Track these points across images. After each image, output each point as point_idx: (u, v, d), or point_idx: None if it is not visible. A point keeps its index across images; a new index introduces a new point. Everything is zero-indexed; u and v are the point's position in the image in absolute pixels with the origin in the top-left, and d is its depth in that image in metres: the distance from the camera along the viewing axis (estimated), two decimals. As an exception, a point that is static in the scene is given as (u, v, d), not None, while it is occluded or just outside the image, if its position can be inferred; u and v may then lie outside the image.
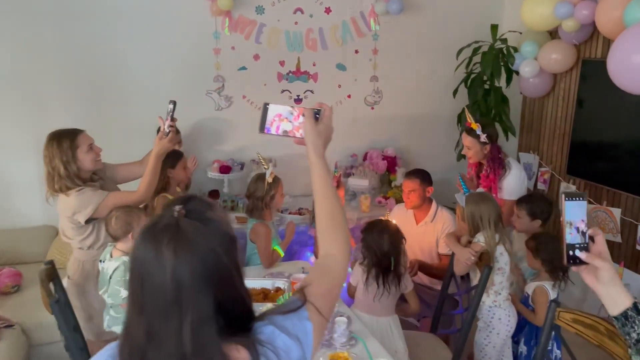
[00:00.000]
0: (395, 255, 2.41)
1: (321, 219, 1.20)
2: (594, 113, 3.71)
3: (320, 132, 1.23)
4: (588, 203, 3.69)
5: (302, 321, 1.00)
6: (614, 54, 2.73)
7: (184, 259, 0.87)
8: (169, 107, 2.30)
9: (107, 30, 3.66)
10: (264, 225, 2.88)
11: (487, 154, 3.01)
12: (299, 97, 4.22)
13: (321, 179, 1.20)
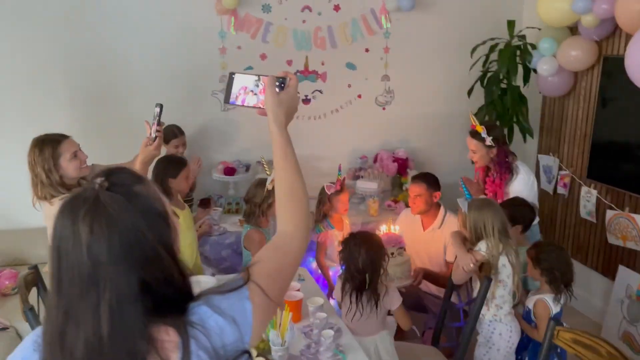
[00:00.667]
0: (372, 272, 2.23)
1: (279, 193, 1.14)
2: (616, 113, 3.50)
3: (282, 100, 1.16)
4: (609, 209, 3.49)
5: (241, 301, 0.94)
6: (633, 49, 2.54)
7: (101, 235, 0.83)
8: (155, 111, 2.21)
9: (110, 30, 3.63)
10: (257, 232, 2.81)
11: (494, 157, 2.86)
12: (307, 97, 4.12)
13: (280, 150, 1.14)
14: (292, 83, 1.19)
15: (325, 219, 3.14)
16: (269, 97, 1.15)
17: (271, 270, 1.02)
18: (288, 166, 1.14)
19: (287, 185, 1.13)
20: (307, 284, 2.68)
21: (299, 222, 1.11)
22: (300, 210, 1.12)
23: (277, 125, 1.15)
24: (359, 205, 4.00)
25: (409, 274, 2.94)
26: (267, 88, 1.16)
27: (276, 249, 1.09)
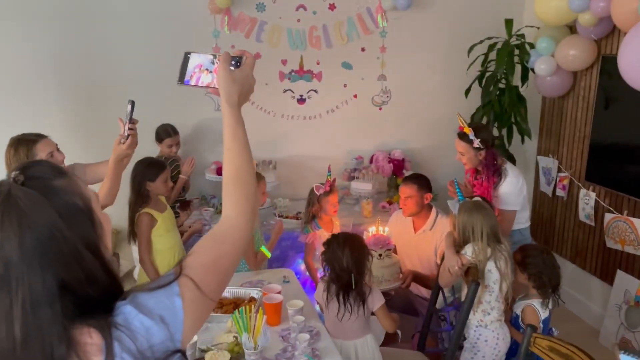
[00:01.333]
0: (357, 271, 2.21)
1: (225, 175, 1.08)
2: (615, 114, 3.41)
3: (236, 78, 1.10)
4: (608, 212, 3.41)
5: (170, 298, 0.88)
6: (626, 49, 2.47)
7: (11, 232, 0.79)
8: (127, 108, 2.17)
9: (102, 30, 3.63)
10: None
11: (482, 160, 2.80)
12: (302, 97, 4.09)
13: (229, 130, 1.09)
14: (249, 62, 1.14)
15: (313, 220, 3.10)
16: (222, 74, 1.10)
17: (207, 261, 0.96)
18: (236, 147, 1.08)
19: (234, 167, 1.08)
20: (291, 285, 2.64)
21: (242, 208, 1.05)
22: (244, 195, 1.07)
23: (229, 104, 1.09)
24: (354, 207, 3.96)
25: (397, 276, 2.89)
26: (220, 65, 1.11)
27: (214, 238, 1.02)
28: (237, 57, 1.13)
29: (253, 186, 1.09)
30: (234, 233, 1.03)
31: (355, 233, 2.47)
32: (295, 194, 4.02)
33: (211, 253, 0.98)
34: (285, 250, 3.52)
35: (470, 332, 2.35)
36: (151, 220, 2.68)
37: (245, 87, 1.12)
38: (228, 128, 1.09)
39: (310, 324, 2.23)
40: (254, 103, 4.00)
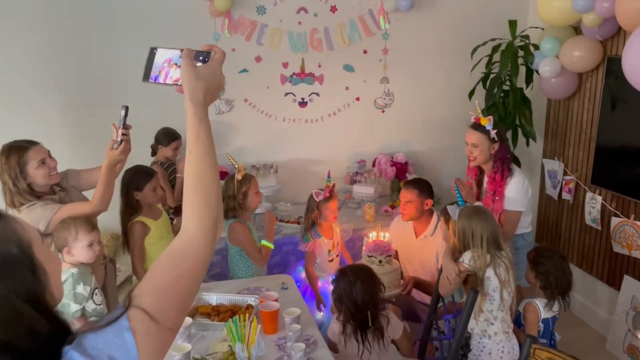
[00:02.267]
0: (372, 306, 2.12)
1: (186, 181, 0.99)
2: (621, 116, 3.34)
3: (201, 75, 1.01)
4: (614, 216, 3.34)
5: (119, 335, 0.80)
6: (630, 50, 2.41)
7: None
8: (120, 114, 2.15)
9: (101, 33, 3.62)
10: (239, 223, 2.76)
11: (495, 153, 2.74)
12: (303, 100, 4.05)
13: (192, 131, 0.99)
14: (217, 57, 1.06)
15: (313, 227, 3.04)
16: (185, 69, 1.01)
17: (162, 285, 0.87)
18: (198, 149, 0.98)
19: (196, 171, 0.98)
20: (289, 292, 2.61)
21: (202, 218, 0.95)
22: (205, 203, 0.96)
23: (193, 102, 0.99)
24: (356, 211, 3.92)
25: (397, 282, 2.84)
26: (183, 60, 1.02)
27: (170, 256, 0.92)
28: (205, 53, 1.06)
29: (216, 193, 0.98)
30: (193, 248, 0.93)
31: (364, 264, 2.41)
32: (297, 198, 3.98)
33: (166, 275, 0.89)
34: (286, 256, 3.48)
35: (473, 343, 2.29)
36: (144, 229, 2.65)
37: (212, 85, 1.03)
38: (191, 128, 0.99)
39: (307, 332, 2.19)
40: (254, 106, 3.98)
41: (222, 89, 1.07)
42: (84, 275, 2.16)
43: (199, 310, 2.38)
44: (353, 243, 3.49)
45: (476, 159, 2.82)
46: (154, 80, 1.08)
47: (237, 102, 3.95)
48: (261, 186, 3.77)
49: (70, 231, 2.13)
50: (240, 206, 2.78)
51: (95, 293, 2.20)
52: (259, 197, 2.88)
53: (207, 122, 1.00)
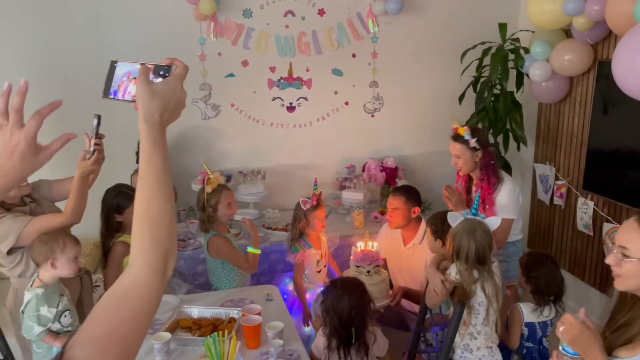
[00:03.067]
0: (358, 322, 2.05)
1: (135, 210, 0.88)
2: (612, 120, 3.30)
3: (157, 92, 0.90)
4: (606, 222, 3.30)
5: None
6: (619, 54, 2.36)
7: None
8: (93, 123, 2.07)
9: (86, 37, 3.54)
10: (218, 237, 2.71)
11: (479, 161, 2.68)
12: (291, 105, 3.99)
13: (145, 154, 0.88)
14: (177, 72, 0.95)
15: (301, 237, 2.96)
16: (139, 86, 0.91)
17: (100, 334, 0.77)
18: (150, 176, 0.88)
19: (145, 201, 0.87)
20: (274, 304, 2.54)
21: (150, 253, 0.85)
22: (153, 236, 0.85)
23: (147, 122, 0.89)
24: (345, 217, 3.85)
25: (386, 293, 2.78)
26: (138, 76, 0.92)
27: (111, 298, 0.82)
28: (165, 67, 0.96)
29: (167, 225, 0.87)
30: (137, 288, 0.82)
31: (355, 277, 2.34)
32: (285, 205, 3.91)
33: (106, 322, 0.78)
34: (274, 264, 3.42)
35: (455, 358, 2.23)
36: (126, 249, 2.57)
37: (170, 103, 0.92)
38: (143, 152, 0.89)
39: (291, 347, 2.12)
40: (242, 111, 3.91)
41: (183, 106, 0.96)
42: (49, 297, 2.09)
43: (180, 324, 2.30)
44: (342, 250, 3.42)
45: (462, 169, 2.79)
46: (113, 96, 1.00)
47: (224, 107, 3.88)
48: (248, 192, 3.74)
49: (59, 242, 2.08)
50: (210, 218, 2.71)
51: (65, 315, 2.12)
52: (231, 210, 2.77)
53: (162, 144, 0.90)
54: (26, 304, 2.05)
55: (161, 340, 2.05)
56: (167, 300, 2.56)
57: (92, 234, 3.67)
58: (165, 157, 0.90)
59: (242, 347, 2.10)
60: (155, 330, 2.27)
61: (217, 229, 2.76)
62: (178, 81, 0.94)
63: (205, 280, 3.25)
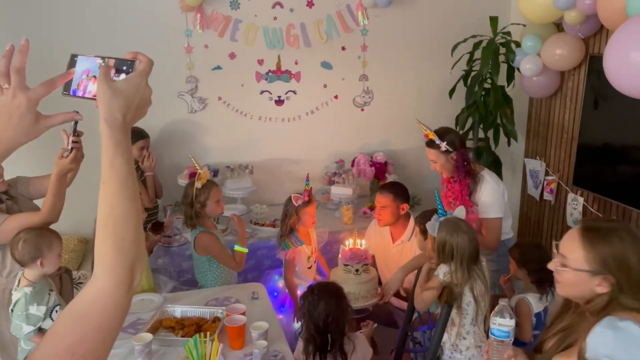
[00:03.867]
0: (334, 329, 1.99)
1: (97, 217, 0.82)
2: (603, 116, 3.27)
3: (118, 91, 0.84)
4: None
5: None
6: (611, 49, 2.32)
7: None
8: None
9: (70, 27, 3.45)
10: (205, 233, 2.66)
11: (455, 162, 2.65)
12: (280, 99, 3.92)
13: (107, 157, 0.82)
14: (141, 68, 0.88)
15: (292, 233, 2.91)
16: (99, 85, 0.85)
17: (59, 352, 0.72)
18: (113, 181, 0.82)
19: (108, 207, 0.81)
20: (260, 302, 2.50)
21: (113, 264, 0.79)
22: (117, 245, 0.79)
23: (108, 123, 0.82)
24: (334, 212, 3.81)
25: (375, 292, 2.74)
26: (99, 74, 0.86)
27: (72, 314, 0.77)
28: (128, 62, 0.89)
29: (132, 233, 0.81)
30: (100, 302, 0.77)
31: (333, 282, 2.28)
32: (273, 200, 3.87)
33: (65, 339, 0.73)
34: (261, 260, 3.37)
35: (444, 358, 2.20)
36: None
37: (133, 101, 0.85)
38: (105, 154, 0.82)
39: (275, 348, 2.08)
40: (229, 105, 3.84)
41: (149, 104, 0.89)
42: (38, 295, 2.04)
43: (163, 324, 2.25)
44: (330, 246, 3.38)
45: (442, 173, 2.78)
46: (73, 94, 0.93)
47: (211, 101, 3.81)
48: (236, 187, 3.68)
49: (45, 240, 2.03)
50: (197, 214, 2.66)
51: (56, 310, 2.08)
52: (220, 207, 2.74)
53: (125, 146, 0.84)
54: (15, 303, 2.01)
55: (142, 341, 2.00)
56: (150, 299, 2.51)
57: (76, 230, 3.63)
58: (130, 160, 0.84)
59: (225, 348, 2.05)
60: (137, 330, 2.22)
61: (204, 225, 2.71)
62: (142, 77, 0.87)
63: (191, 277, 3.20)
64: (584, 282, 1.38)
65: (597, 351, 1.30)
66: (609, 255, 1.33)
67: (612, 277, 1.34)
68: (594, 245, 1.35)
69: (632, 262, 1.33)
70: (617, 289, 1.34)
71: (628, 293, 1.34)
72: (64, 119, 0.92)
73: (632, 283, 1.33)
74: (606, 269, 1.34)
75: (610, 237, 1.35)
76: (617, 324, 1.30)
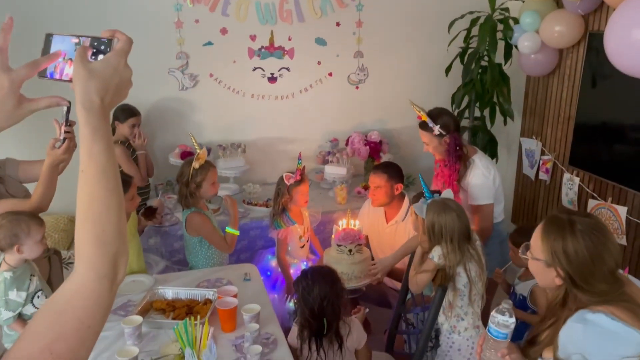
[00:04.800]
0: (330, 313, 1.95)
1: (77, 208, 0.77)
2: (601, 94, 3.21)
3: (94, 72, 0.79)
4: (592, 198, 3.25)
5: None
6: (613, 28, 2.25)
7: None
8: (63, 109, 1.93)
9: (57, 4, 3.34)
10: (197, 214, 2.63)
11: (448, 147, 2.61)
12: (273, 76, 3.84)
13: (85, 144, 0.77)
14: (120, 46, 0.82)
15: (284, 212, 2.88)
16: (75, 67, 0.79)
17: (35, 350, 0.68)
18: (91, 169, 0.76)
19: (87, 198, 0.76)
20: (252, 284, 2.46)
21: (94, 258, 0.74)
22: (98, 238, 0.75)
23: (85, 107, 0.77)
24: (328, 192, 3.77)
25: (368, 272, 2.71)
26: (75, 55, 0.81)
27: (50, 310, 0.73)
28: (105, 41, 0.84)
29: (114, 224, 0.76)
30: (80, 297, 0.73)
31: (327, 265, 2.25)
32: (266, 179, 3.83)
33: (43, 337, 0.69)
34: (254, 240, 3.34)
35: (442, 339, 2.18)
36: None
37: (111, 83, 0.79)
38: (83, 142, 0.77)
39: (267, 330, 2.05)
40: (220, 82, 3.76)
41: (129, 85, 0.83)
42: (19, 280, 2.00)
43: (154, 306, 2.22)
44: (324, 227, 3.35)
45: (435, 155, 2.73)
46: (50, 76, 0.87)
47: (202, 77, 3.72)
48: (228, 167, 3.63)
49: (22, 227, 1.97)
50: (192, 195, 2.62)
51: (38, 296, 2.04)
52: (215, 189, 2.71)
53: (104, 131, 0.78)
54: None
55: (132, 324, 1.96)
56: (140, 280, 2.48)
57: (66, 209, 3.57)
58: (109, 146, 0.78)
59: (216, 331, 2.03)
60: (127, 312, 2.19)
61: (197, 206, 2.67)
62: (120, 57, 0.81)
63: (183, 257, 3.16)
64: (543, 272, 1.42)
65: (567, 348, 1.29)
66: (559, 248, 1.36)
67: (562, 270, 1.37)
68: (548, 237, 1.39)
69: (582, 258, 1.34)
70: (570, 282, 1.36)
71: (581, 288, 1.35)
72: (49, 103, 0.86)
73: (584, 279, 1.35)
74: (556, 261, 1.37)
75: (565, 231, 1.37)
76: (587, 316, 1.30)
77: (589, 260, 1.33)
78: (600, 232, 1.35)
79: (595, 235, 1.34)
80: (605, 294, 1.32)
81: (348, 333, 2.00)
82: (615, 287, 1.33)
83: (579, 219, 1.37)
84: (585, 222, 1.36)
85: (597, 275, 1.33)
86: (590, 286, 1.33)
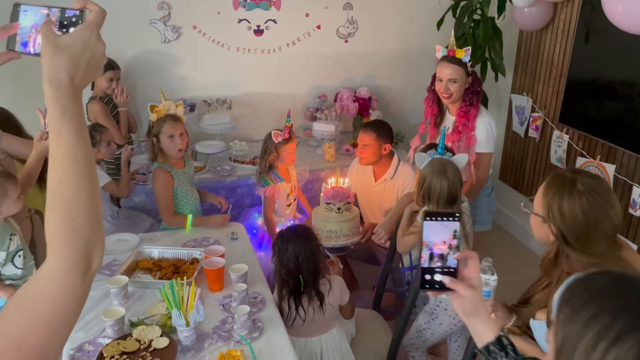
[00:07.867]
0: (305, 270, 1.92)
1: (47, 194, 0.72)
2: (595, 50, 3.15)
3: (63, 46, 0.72)
4: (580, 156, 3.24)
5: None
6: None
7: None
8: None
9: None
10: (162, 170, 2.51)
11: (469, 86, 2.54)
12: (259, 28, 3.70)
13: (53, 125, 0.71)
14: (91, 18, 0.75)
15: (271, 170, 2.82)
16: (42, 42, 0.73)
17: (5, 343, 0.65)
18: (60, 152, 0.71)
19: (56, 182, 0.71)
20: (239, 243, 2.44)
21: (65, 247, 0.69)
22: (67, 225, 0.69)
23: (52, 85, 0.70)
24: (316, 149, 3.71)
25: (357, 230, 2.71)
26: (41, 27, 0.74)
27: (22, 300, 0.68)
28: (77, 13, 0.77)
29: (85, 210, 0.71)
30: (51, 288, 0.68)
31: (303, 224, 2.20)
32: (253, 136, 3.75)
33: (12, 329, 0.65)
34: (241, 198, 3.30)
35: (430, 298, 2.19)
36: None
37: (81, 59, 0.72)
38: (52, 122, 0.71)
39: (255, 290, 2.04)
40: (205, 34, 3.62)
41: (103, 61, 0.77)
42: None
43: (140, 265, 2.19)
44: (312, 185, 3.32)
45: (452, 96, 2.56)
46: (24, 50, 0.79)
47: (185, 30, 3.58)
48: (213, 123, 3.54)
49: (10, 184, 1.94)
50: (159, 150, 2.51)
51: (19, 255, 1.99)
52: (174, 143, 2.49)
53: (74, 111, 0.71)
54: None
55: (117, 284, 1.94)
56: (125, 239, 2.44)
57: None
58: (80, 128, 0.71)
59: (204, 290, 2.01)
60: (113, 272, 2.16)
61: (168, 162, 2.56)
62: (91, 31, 0.74)
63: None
64: (539, 227, 1.43)
65: None
66: (555, 206, 1.37)
67: (555, 228, 1.37)
68: (548, 193, 1.40)
69: (575, 218, 1.34)
70: (562, 241, 1.37)
71: (573, 247, 1.35)
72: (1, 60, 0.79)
73: (576, 238, 1.35)
74: (550, 218, 1.38)
75: (564, 189, 1.36)
76: None
77: (582, 221, 1.32)
78: (600, 195, 1.32)
79: (593, 197, 1.32)
80: (600, 256, 1.31)
81: (329, 290, 1.99)
82: (612, 250, 1.32)
83: (581, 179, 1.35)
84: (588, 183, 1.34)
85: (592, 237, 1.31)
86: (584, 247, 1.33)
